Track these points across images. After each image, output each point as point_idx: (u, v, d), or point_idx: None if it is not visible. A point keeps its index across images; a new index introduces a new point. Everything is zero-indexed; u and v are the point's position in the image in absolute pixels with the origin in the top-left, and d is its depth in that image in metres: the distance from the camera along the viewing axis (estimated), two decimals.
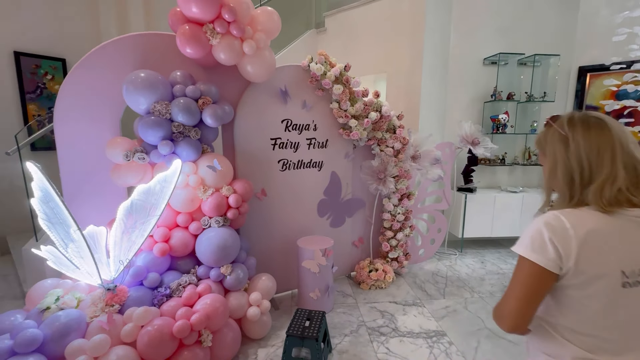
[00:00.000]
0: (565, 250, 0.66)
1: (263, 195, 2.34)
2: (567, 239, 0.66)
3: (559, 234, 0.67)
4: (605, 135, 0.69)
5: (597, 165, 0.68)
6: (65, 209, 1.44)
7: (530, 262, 0.69)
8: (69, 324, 1.43)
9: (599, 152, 0.68)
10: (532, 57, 3.48)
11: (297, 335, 1.68)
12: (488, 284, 2.81)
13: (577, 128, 0.72)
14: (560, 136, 0.74)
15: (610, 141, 0.68)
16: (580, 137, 0.71)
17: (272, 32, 2.02)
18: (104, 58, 1.84)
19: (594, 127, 0.71)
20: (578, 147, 0.70)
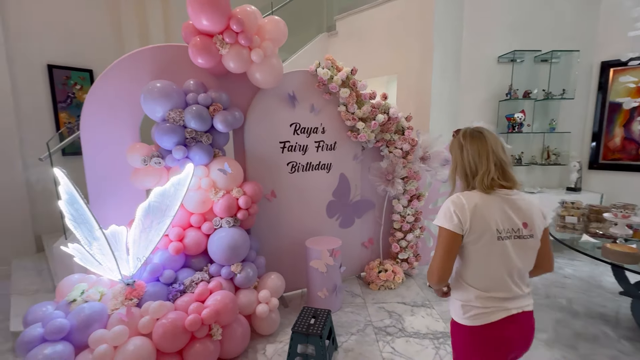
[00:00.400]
0: (463, 218, 0.96)
1: (273, 196, 2.42)
2: (464, 210, 0.96)
3: (459, 208, 0.97)
4: (483, 143, 1.02)
5: (479, 163, 1.01)
6: (88, 210, 1.58)
7: (444, 229, 0.98)
8: (92, 315, 1.57)
9: (479, 155, 1.02)
10: (549, 53, 3.37)
11: (302, 332, 1.74)
12: None
13: (467, 139, 1.05)
14: (459, 144, 1.07)
15: (486, 147, 1.01)
16: (469, 145, 1.04)
17: (279, 40, 2.10)
18: (124, 69, 1.99)
19: (477, 138, 1.04)
20: (468, 152, 1.04)
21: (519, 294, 0.99)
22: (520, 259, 0.98)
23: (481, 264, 0.98)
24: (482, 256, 0.97)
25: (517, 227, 0.97)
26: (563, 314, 2.33)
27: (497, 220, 0.96)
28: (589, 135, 3.61)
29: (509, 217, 0.97)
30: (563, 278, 2.92)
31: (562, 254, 3.44)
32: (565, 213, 2.25)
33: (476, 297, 0.99)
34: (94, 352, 1.46)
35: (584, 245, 2.02)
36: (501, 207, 0.97)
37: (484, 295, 0.98)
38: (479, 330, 0.98)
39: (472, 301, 0.99)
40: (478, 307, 0.98)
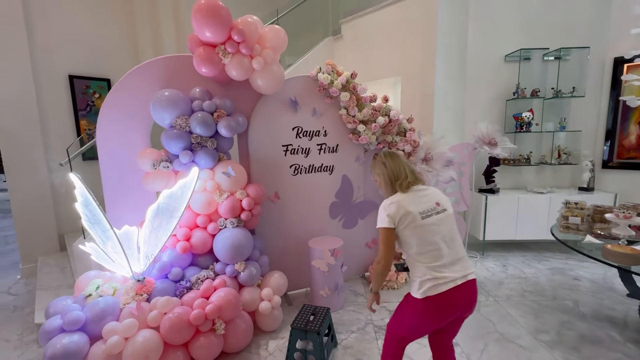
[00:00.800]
0: (393, 215, 1.27)
1: (276, 198, 2.51)
2: (392, 208, 1.29)
3: (389, 208, 1.30)
4: (399, 159, 1.44)
5: (398, 173, 1.39)
6: (100, 212, 1.71)
7: (382, 228, 1.29)
8: (106, 309, 1.69)
9: (398, 167, 1.40)
10: (557, 51, 3.31)
11: (301, 329, 1.81)
12: (506, 287, 2.74)
13: (387, 158, 1.45)
14: (382, 162, 1.45)
15: (400, 162, 1.42)
16: (390, 162, 1.43)
17: (280, 48, 2.18)
18: (136, 79, 2.12)
19: (394, 156, 1.46)
20: (390, 166, 1.41)
21: (457, 257, 1.27)
22: (444, 227, 1.28)
23: (419, 239, 1.25)
24: (417, 234, 1.25)
25: (432, 207, 1.30)
26: (569, 316, 2.30)
27: (417, 207, 1.28)
28: (602, 133, 3.51)
29: (424, 202, 1.30)
30: (573, 280, 2.87)
31: (573, 255, 3.36)
32: (568, 214, 2.23)
33: (427, 269, 1.23)
34: (107, 343, 1.58)
35: (587, 246, 2.00)
36: (417, 198, 1.32)
37: (432, 266, 1.23)
38: (432, 299, 1.21)
39: (426, 275, 1.23)
40: (431, 280, 1.22)
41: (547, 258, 3.36)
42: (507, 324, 2.22)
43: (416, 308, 1.26)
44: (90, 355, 1.59)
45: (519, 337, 2.07)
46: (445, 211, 1.31)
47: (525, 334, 2.11)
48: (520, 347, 1.99)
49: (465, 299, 1.24)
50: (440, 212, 1.30)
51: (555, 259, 3.33)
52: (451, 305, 1.23)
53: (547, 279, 2.89)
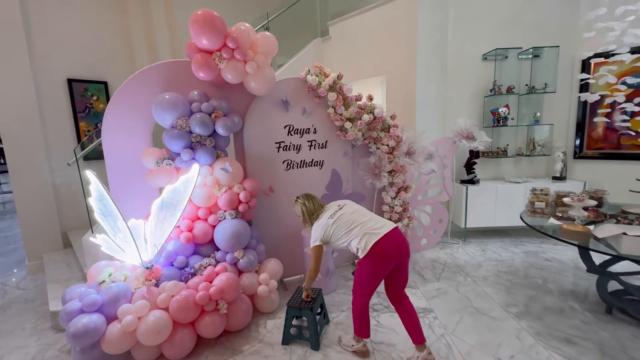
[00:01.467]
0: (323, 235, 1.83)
1: (271, 191, 2.71)
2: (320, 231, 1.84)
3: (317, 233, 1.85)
4: (314, 199, 2.03)
5: (313, 210, 1.97)
6: (114, 205, 1.89)
7: (315, 246, 1.85)
8: (119, 293, 1.88)
9: (313, 205, 1.99)
10: (530, 50, 3.56)
11: (295, 307, 2.02)
12: (484, 269, 2.99)
13: (307, 199, 2.02)
14: (303, 203, 2.00)
15: (315, 200, 2.01)
16: (308, 202, 1.99)
17: (271, 53, 2.37)
18: (137, 83, 2.29)
19: (309, 197, 2.02)
20: (308, 206, 1.98)
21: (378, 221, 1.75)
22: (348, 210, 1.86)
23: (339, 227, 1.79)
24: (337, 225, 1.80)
25: (335, 209, 1.88)
26: (537, 291, 2.56)
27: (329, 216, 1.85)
28: (573, 126, 3.78)
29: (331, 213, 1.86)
30: (544, 261, 3.14)
31: (546, 240, 3.64)
32: (534, 199, 2.48)
33: (360, 235, 1.70)
34: (122, 322, 1.77)
35: (550, 227, 2.25)
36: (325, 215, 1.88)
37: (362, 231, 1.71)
38: (372, 251, 1.64)
39: (362, 241, 1.69)
40: (364, 240, 1.68)
41: (523, 243, 3.64)
42: (481, 300, 2.46)
43: (366, 265, 1.70)
44: (107, 333, 1.77)
45: (491, 310, 2.32)
46: (345, 205, 1.89)
47: (497, 307, 2.36)
48: (492, 318, 2.23)
49: (395, 244, 1.67)
50: (342, 207, 1.88)
51: (531, 244, 3.60)
52: (386, 250, 1.66)
53: (521, 260, 3.16)
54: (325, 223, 1.82)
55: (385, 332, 2.12)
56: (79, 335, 1.67)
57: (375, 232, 1.68)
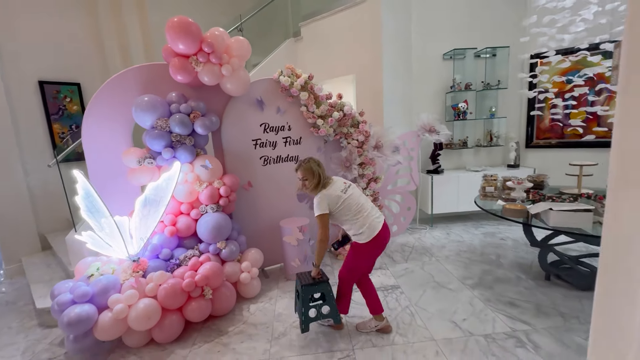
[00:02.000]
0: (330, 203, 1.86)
1: (249, 186, 2.88)
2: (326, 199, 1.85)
3: (324, 200, 1.85)
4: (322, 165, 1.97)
5: (324, 177, 1.94)
6: (101, 202, 2.01)
7: (322, 214, 1.85)
8: (109, 284, 2.01)
9: (320, 168, 1.94)
10: (484, 50, 3.91)
11: (311, 284, 2.01)
12: (447, 250, 3.32)
13: (319, 163, 1.96)
14: (310, 168, 1.92)
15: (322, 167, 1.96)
16: (321, 167, 1.96)
17: (245, 56, 2.54)
18: (116, 86, 2.39)
19: (320, 163, 1.96)
20: (321, 171, 1.93)
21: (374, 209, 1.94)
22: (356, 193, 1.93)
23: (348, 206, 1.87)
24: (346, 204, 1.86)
25: (345, 186, 1.92)
26: (491, 266, 2.91)
27: (341, 190, 1.89)
28: (524, 119, 4.19)
29: (343, 188, 1.90)
30: (500, 240, 3.51)
31: (503, 222, 4.04)
32: (485, 184, 2.81)
33: (364, 220, 1.85)
34: (114, 310, 1.91)
35: (497, 208, 2.57)
36: (335, 187, 1.90)
37: (365, 215, 1.87)
38: (374, 239, 1.85)
39: (365, 225, 1.85)
40: (369, 228, 1.85)
41: (482, 225, 4.02)
42: (443, 276, 2.77)
43: (365, 249, 1.88)
44: (99, 321, 1.91)
45: (450, 283, 2.63)
46: (351, 186, 1.94)
47: (455, 280, 2.67)
48: (450, 290, 2.54)
49: (388, 234, 1.93)
50: (348, 185, 1.93)
51: (490, 226, 3.99)
52: (383, 239, 1.89)
53: (479, 241, 3.52)
54: (338, 195, 1.85)
55: (358, 307, 2.37)
56: (73, 323, 1.79)
57: (377, 221, 1.87)
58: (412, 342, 1.97)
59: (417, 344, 1.95)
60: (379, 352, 1.90)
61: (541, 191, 2.81)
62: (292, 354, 1.94)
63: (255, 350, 1.99)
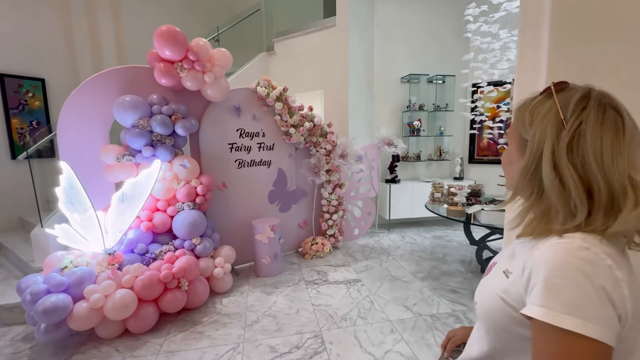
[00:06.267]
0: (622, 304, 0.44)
1: (224, 187, 3.04)
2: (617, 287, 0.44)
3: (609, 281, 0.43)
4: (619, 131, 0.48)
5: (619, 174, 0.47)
6: (85, 194, 2.07)
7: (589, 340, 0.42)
8: (84, 275, 2.05)
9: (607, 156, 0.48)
10: (434, 76, 4.52)
11: None
12: (402, 250, 3.72)
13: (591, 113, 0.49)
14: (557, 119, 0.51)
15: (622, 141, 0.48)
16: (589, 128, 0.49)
17: (226, 66, 2.75)
18: (96, 85, 2.46)
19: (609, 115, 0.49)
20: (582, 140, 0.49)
21: None
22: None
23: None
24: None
25: None
26: (438, 262, 3.34)
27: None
28: (467, 137, 4.85)
29: None
30: (447, 242, 4.00)
31: (451, 227, 4.58)
32: (434, 191, 3.27)
33: None
34: (90, 299, 1.96)
35: (443, 210, 3.02)
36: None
37: None
38: None
39: None
40: None
41: (433, 230, 4.52)
42: (398, 271, 3.13)
43: None
44: (74, 311, 1.94)
45: (404, 277, 2.99)
46: None
47: (408, 274, 3.04)
48: (404, 282, 2.90)
49: None
50: None
51: (439, 230, 4.50)
52: None
53: (430, 242, 3.98)
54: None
55: (323, 297, 2.62)
56: (49, 311, 1.82)
57: None
58: (371, 323, 2.26)
59: (375, 324, 2.24)
60: (343, 332, 2.16)
61: (478, 198, 3.33)
62: (265, 337, 2.13)
63: (230, 335, 2.14)
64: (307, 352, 1.97)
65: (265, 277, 3.02)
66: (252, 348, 2.01)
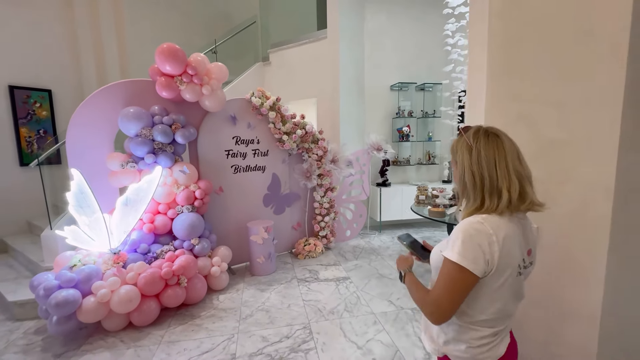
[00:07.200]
0: (491, 256, 0.78)
1: (221, 191, 3.25)
2: (492, 246, 0.78)
3: (485, 241, 0.77)
4: (503, 145, 0.82)
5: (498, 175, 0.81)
6: (94, 199, 2.27)
7: (464, 268, 0.78)
8: (92, 272, 2.24)
9: (496, 162, 0.81)
10: (422, 84, 4.74)
11: None
12: (391, 250, 3.91)
13: (481, 139, 0.84)
14: (467, 145, 0.86)
15: (503, 154, 0.82)
16: (482, 147, 0.83)
17: (222, 79, 2.97)
18: (103, 97, 2.67)
19: (492, 140, 0.83)
20: (479, 155, 0.83)
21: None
22: (523, 291, 0.91)
23: (495, 303, 0.85)
24: (500, 295, 0.84)
25: (524, 257, 0.86)
26: None
27: (518, 253, 0.83)
28: None
29: (522, 247, 0.85)
30: (433, 242, 4.18)
31: (438, 228, 4.78)
32: (419, 193, 3.47)
33: (481, 336, 0.87)
34: (97, 294, 2.15)
35: (426, 212, 3.22)
36: (519, 235, 0.84)
37: (489, 332, 0.87)
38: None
39: (478, 340, 0.87)
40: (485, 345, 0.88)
41: (422, 231, 4.71)
42: (385, 269, 3.33)
43: None
44: (83, 305, 2.13)
45: (390, 274, 3.19)
46: (531, 266, 0.91)
47: (395, 272, 3.23)
48: (390, 279, 3.09)
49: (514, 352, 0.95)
50: (528, 266, 0.89)
51: (427, 231, 4.70)
52: None
53: None
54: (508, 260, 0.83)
55: (314, 293, 2.82)
56: (61, 304, 2.01)
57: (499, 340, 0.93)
58: (357, 316, 2.45)
59: (360, 317, 2.43)
60: (330, 324, 2.35)
61: None
62: (258, 328, 2.32)
63: (226, 327, 2.33)
64: (295, 341, 2.16)
65: (260, 275, 3.21)
66: (245, 338, 2.20)
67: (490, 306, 0.85)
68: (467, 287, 0.81)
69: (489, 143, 0.84)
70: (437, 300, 0.84)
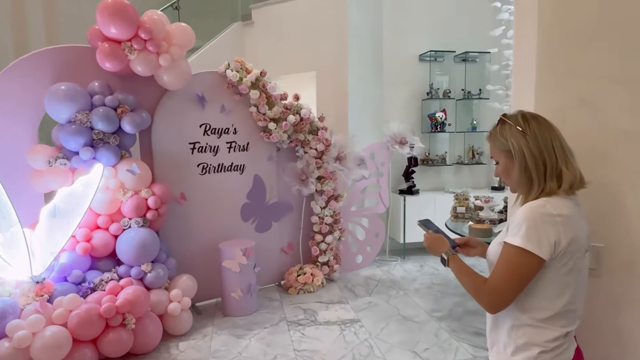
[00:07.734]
0: (557, 237, 0.99)
1: (182, 199, 3.34)
2: (556, 226, 0.99)
3: (549, 223, 0.99)
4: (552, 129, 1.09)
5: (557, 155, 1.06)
6: (12, 209, 2.36)
7: (525, 251, 0.99)
8: (6, 308, 2.32)
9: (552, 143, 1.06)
10: (463, 54, 4.84)
11: None
12: (418, 283, 3.99)
13: (531, 122, 1.08)
14: (518, 131, 1.08)
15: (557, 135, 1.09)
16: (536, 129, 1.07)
17: (186, 45, 3.08)
18: (23, 70, 2.78)
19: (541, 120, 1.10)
20: (536, 138, 1.06)
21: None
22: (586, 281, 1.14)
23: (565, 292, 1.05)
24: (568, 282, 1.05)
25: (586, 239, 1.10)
26: (463, 298, 3.59)
27: (583, 234, 1.06)
28: None
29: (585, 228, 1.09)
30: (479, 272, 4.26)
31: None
32: (457, 204, 3.55)
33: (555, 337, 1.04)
34: (14, 337, 2.22)
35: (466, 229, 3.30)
36: (580, 216, 1.08)
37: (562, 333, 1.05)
38: None
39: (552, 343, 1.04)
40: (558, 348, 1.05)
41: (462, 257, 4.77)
42: (410, 309, 3.40)
43: None
44: None
45: (417, 316, 3.26)
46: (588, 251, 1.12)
47: (422, 314, 3.31)
48: (415, 322, 3.16)
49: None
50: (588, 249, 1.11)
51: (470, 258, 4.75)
52: None
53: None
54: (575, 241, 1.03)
55: (309, 341, 2.89)
56: None
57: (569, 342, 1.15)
58: None
59: None
60: None
61: None
62: None
63: None
64: None
65: (236, 316, 3.29)
66: None
67: (561, 295, 1.04)
68: (530, 272, 1.01)
69: (540, 125, 1.08)
70: (498, 289, 1.03)
